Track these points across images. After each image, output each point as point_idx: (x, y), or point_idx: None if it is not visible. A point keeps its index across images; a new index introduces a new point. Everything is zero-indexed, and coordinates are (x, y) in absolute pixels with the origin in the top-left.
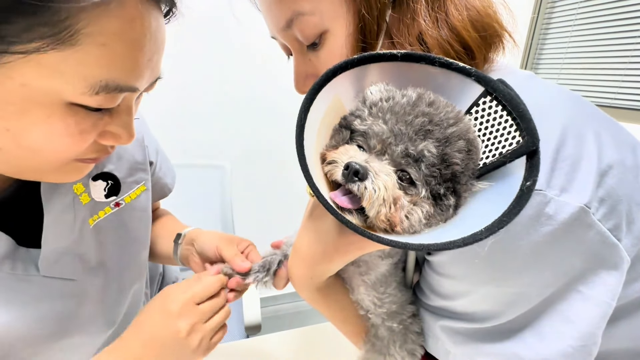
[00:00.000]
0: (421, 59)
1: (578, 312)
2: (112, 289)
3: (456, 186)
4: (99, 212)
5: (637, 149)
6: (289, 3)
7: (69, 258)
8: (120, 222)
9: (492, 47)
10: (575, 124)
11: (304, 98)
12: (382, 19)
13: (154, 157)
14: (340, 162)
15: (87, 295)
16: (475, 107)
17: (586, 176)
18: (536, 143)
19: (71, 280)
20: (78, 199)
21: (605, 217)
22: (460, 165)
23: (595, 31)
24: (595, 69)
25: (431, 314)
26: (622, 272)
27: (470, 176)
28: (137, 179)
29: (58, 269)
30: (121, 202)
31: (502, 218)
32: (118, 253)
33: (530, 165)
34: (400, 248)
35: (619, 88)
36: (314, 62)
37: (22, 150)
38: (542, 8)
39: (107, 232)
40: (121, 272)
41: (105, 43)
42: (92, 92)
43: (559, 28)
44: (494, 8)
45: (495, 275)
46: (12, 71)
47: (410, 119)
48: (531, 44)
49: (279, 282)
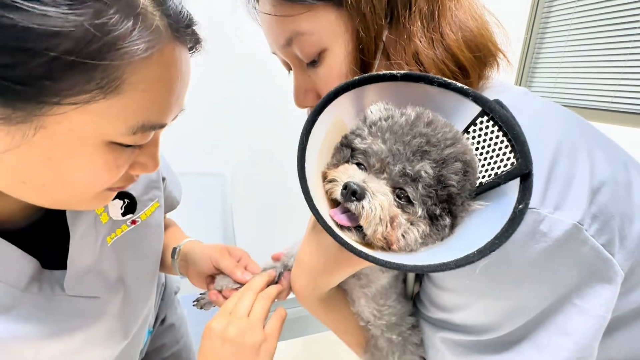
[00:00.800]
0: (420, 79)
1: (574, 325)
2: (131, 302)
3: (452, 207)
4: (117, 230)
5: (628, 165)
6: (289, 23)
7: (91, 276)
8: (137, 238)
9: (486, 66)
10: (568, 142)
11: (306, 121)
12: (379, 39)
13: (165, 173)
14: (340, 181)
15: (108, 311)
16: (473, 126)
17: (579, 193)
18: (529, 166)
19: (95, 297)
20: (99, 218)
21: (599, 233)
22: (456, 187)
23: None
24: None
25: (431, 326)
26: (616, 285)
27: (466, 197)
28: (151, 196)
29: (82, 288)
30: (137, 219)
31: (494, 241)
32: (135, 268)
33: (523, 188)
34: (394, 269)
35: (612, 98)
36: (313, 79)
37: (63, 185)
38: (537, 14)
39: (124, 249)
40: (138, 286)
41: (145, 89)
42: (131, 133)
43: (555, 33)
44: (488, 28)
45: (493, 289)
46: (61, 118)
47: (408, 139)
48: (527, 50)
49: (279, 294)
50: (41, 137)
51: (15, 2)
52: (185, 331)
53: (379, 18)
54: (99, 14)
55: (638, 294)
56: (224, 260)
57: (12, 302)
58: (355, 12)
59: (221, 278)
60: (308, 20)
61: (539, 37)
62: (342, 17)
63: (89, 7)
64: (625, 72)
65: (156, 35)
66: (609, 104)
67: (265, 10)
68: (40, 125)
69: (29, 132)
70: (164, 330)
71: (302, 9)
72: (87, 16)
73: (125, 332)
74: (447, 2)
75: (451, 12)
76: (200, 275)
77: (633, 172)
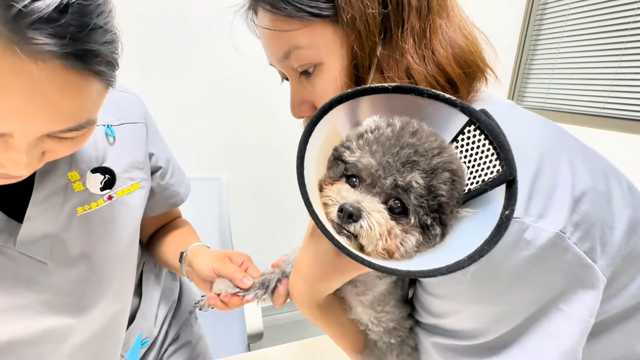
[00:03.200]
0: (410, 91)
1: (559, 329)
2: (89, 282)
3: (442, 216)
4: (92, 203)
5: (608, 175)
6: (287, 38)
7: (48, 241)
8: (110, 215)
9: (475, 81)
10: (551, 153)
11: (304, 131)
12: (373, 55)
13: (164, 164)
14: (335, 201)
15: (53, 282)
16: (461, 135)
17: (561, 203)
18: (513, 173)
19: (42, 262)
20: (71, 185)
21: (581, 241)
22: (445, 196)
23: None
24: (582, 79)
25: (423, 331)
26: (598, 291)
27: (454, 205)
28: (133, 175)
29: (33, 249)
30: (114, 195)
31: (483, 247)
32: (103, 246)
33: (509, 194)
34: (388, 274)
35: (604, 103)
36: (309, 90)
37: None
38: (530, 20)
39: (95, 224)
40: (103, 267)
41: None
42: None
43: (547, 39)
44: (478, 45)
45: (480, 295)
46: None
47: (397, 151)
48: (521, 56)
49: (277, 299)
50: None
51: None
52: (202, 349)
53: (373, 35)
54: None
55: (621, 299)
56: (224, 268)
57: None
58: (351, 29)
59: (220, 282)
60: (305, 35)
61: (532, 43)
62: (338, 33)
63: None
64: (616, 79)
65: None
66: (600, 109)
67: (264, 25)
68: None
69: None
70: (178, 348)
71: (300, 25)
72: None
73: (73, 313)
74: (438, 21)
75: (442, 30)
76: (204, 282)
77: (613, 182)
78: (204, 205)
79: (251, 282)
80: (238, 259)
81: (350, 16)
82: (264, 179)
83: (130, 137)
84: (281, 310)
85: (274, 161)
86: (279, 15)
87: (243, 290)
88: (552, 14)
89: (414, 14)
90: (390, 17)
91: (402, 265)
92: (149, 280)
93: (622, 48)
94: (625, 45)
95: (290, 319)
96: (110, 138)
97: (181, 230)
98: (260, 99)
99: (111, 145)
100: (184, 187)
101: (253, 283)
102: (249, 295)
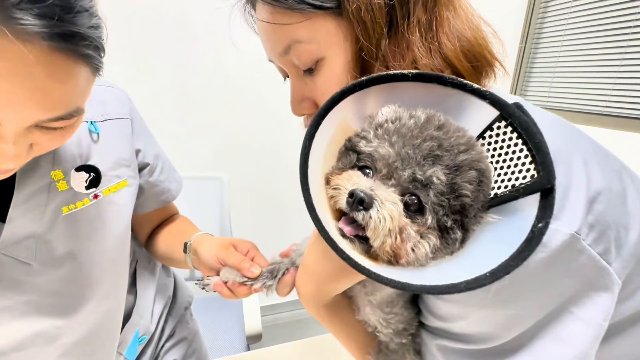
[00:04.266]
0: (433, 79)
1: (571, 333)
2: (76, 282)
3: (464, 219)
4: (77, 202)
5: (622, 174)
6: (287, 31)
7: (32, 242)
8: (97, 214)
9: (483, 75)
10: (564, 152)
11: (309, 125)
12: (379, 48)
13: (152, 160)
14: (344, 188)
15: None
16: (489, 131)
17: (576, 203)
18: (552, 181)
19: (27, 264)
20: (54, 184)
21: (595, 242)
22: (470, 197)
23: (584, 44)
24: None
25: (429, 333)
26: (612, 293)
27: (479, 209)
28: (119, 173)
29: (16, 250)
30: (99, 193)
31: (509, 262)
32: (90, 246)
33: (543, 205)
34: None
35: (607, 102)
36: (310, 87)
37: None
38: (532, 19)
39: (81, 224)
40: (90, 266)
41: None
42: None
43: (550, 37)
44: (485, 38)
45: (492, 300)
46: None
47: (418, 142)
48: (523, 54)
49: (282, 288)
50: None
51: None
52: (198, 345)
53: (379, 27)
54: None
55: (634, 301)
56: (230, 257)
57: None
58: (356, 20)
59: (227, 270)
60: (306, 28)
61: (535, 41)
62: (342, 26)
63: None
64: (619, 77)
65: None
66: (603, 108)
67: (263, 18)
68: None
69: None
70: (174, 345)
71: (301, 17)
72: None
73: (61, 314)
74: (445, 13)
75: (449, 23)
76: (211, 271)
77: (627, 181)
78: (205, 204)
79: (259, 271)
80: (243, 247)
81: (355, 6)
82: (265, 178)
83: (115, 134)
84: (281, 310)
85: (275, 160)
86: (279, 8)
87: (251, 280)
88: (555, 11)
89: (420, 6)
90: (396, 8)
91: (413, 279)
92: (143, 277)
93: (625, 46)
94: (628, 43)
95: (290, 319)
96: (94, 135)
97: (180, 223)
98: (261, 99)
99: (95, 142)
100: (175, 184)
101: (261, 272)
102: (257, 284)
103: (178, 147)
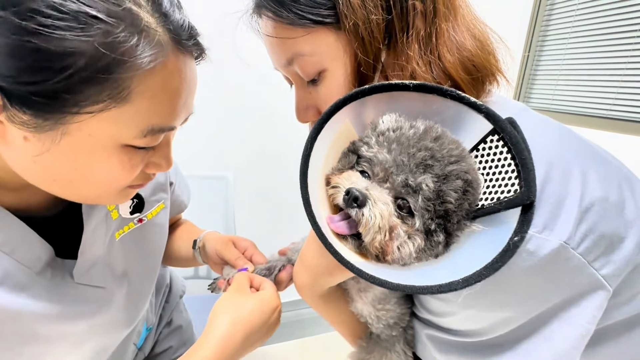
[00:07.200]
0: (433, 90)
1: (556, 334)
2: (134, 295)
3: (447, 224)
4: (124, 227)
5: (622, 184)
6: (290, 45)
7: (99, 268)
8: (142, 236)
9: (484, 86)
10: (561, 161)
11: (313, 128)
12: (378, 61)
13: (174, 179)
14: (342, 187)
15: (113, 301)
16: (483, 143)
17: (569, 214)
18: (531, 197)
19: (101, 287)
20: (110, 214)
21: (587, 251)
22: (453, 204)
23: (589, 47)
24: (589, 80)
25: (420, 322)
26: (599, 299)
27: (463, 216)
28: (158, 197)
29: (90, 278)
30: (144, 218)
31: (482, 271)
32: (139, 263)
33: (522, 220)
34: (378, 285)
35: (611, 105)
36: (314, 96)
37: (89, 183)
38: (537, 21)
39: (130, 245)
40: (141, 281)
41: (152, 96)
42: (142, 135)
43: (554, 40)
44: (489, 46)
45: (479, 301)
46: (81, 125)
47: (413, 152)
48: (527, 57)
49: (277, 285)
50: (66, 141)
51: (37, 29)
52: (191, 334)
53: (377, 42)
54: (107, 34)
55: (630, 307)
56: (227, 252)
57: (27, 283)
58: (354, 35)
59: (229, 268)
60: (308, 42)
61: (539, 44)
62: (341, 40)
63: (98, 29)
64: (624, 80)
65: (159, 49)
66: (607, 111)
67: (267, 33)
68: (65, 132)
69: (56, 137)
70: (171, 332)
71: (302, 32)
72: (97, 37)
73: (128, 323)
74: (444, 25)
75: (448, 34)
76: (216, 266)
77: (626, 192)
78: (210, 203)
79: (252, 268)
80: (242, 244)
81: (352, 23)
82: (269, 178)
83: None
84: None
85: (279, 161)
86: (282, 23)
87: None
88: (560, 15)
89: (419, 18)
90: (395, 22)
91: (393, 277)
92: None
93: (630, 49)
94: (634, 47)
95: (290, 319)
96: None
97: (186, 226)
98: (267, 99)
99: None
100: (187, 194)
101: (255, 269)
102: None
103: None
